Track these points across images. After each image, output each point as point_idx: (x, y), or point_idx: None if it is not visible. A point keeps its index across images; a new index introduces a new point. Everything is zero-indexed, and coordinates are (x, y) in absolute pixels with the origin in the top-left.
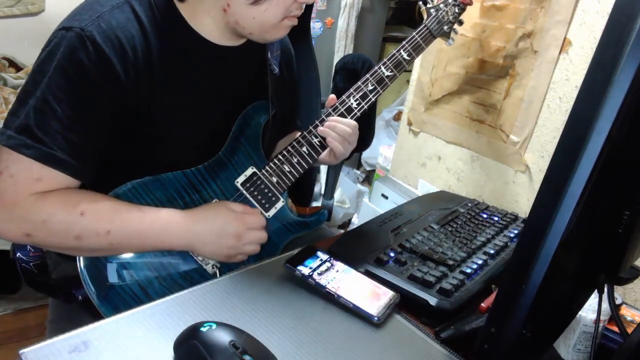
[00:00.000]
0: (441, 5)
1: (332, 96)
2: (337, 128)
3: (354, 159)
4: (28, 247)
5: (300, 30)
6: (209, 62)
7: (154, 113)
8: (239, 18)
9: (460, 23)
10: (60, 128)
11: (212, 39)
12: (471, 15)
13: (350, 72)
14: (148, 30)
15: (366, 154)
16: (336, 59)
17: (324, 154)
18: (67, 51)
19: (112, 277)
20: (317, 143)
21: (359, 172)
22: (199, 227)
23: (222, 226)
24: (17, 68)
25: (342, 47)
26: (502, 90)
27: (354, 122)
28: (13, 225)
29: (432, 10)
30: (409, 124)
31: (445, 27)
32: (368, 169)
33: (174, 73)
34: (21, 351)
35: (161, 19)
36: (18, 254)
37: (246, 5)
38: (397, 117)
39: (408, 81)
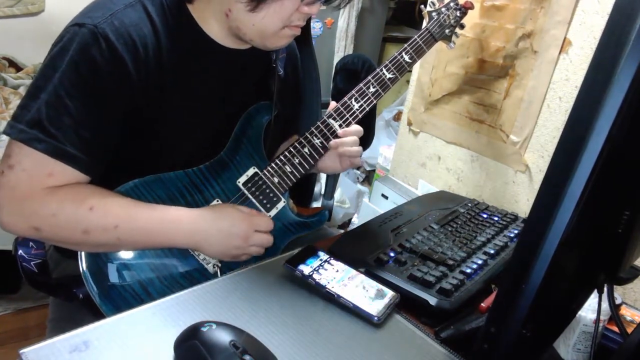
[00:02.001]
0: (442, 9)
1: (333, 102)
2: (345, 143)
3: None
4: (30, 244)
5: (301, 31)
6: (218, 65)
7: (163, 113)
8: (240, 24)
9: (462, 27)
10: (72, 123)
11: (221, 42)
12: (471, 15)
13: (350, 72)
14: (159, 30)
15: (366, 154)
16: (336, 59)
17: (330, 163)
18: (80, 47)
19: (113, 277)
20: (319, 144)
21: (359, 172)
22: (207, 226)
23: (230, 226)
24: (17, 68)
25: (342, 47)
26: (502, 90)
27: (358, 128)
28: (22, 219)
29: (433, 14)
30: (409, 124)
31: (447, 31)
32: (368, 169)
33: (184, 73)
34: (21, 351)
35: (172, 20)
36: (20, 251)
37: (245, 11)
38: (397, 117)
39: (408, 81)
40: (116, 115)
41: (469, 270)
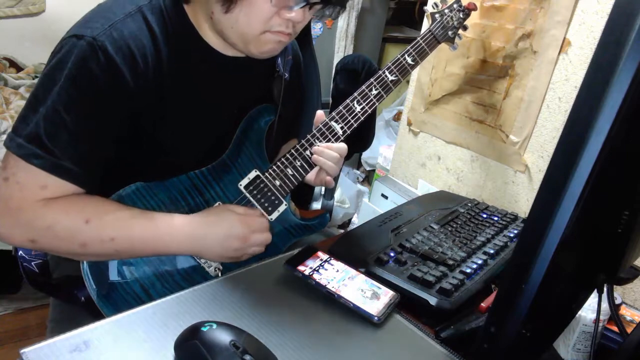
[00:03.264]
0: (446, 11)
1: (320, 112)
2: (325, 153)
3: (354, 159)
4: None
5: (301, 31)
6: (218, 73)
7: (163, 121)
8: (222, 26)
9: (465, 28)
10: (69, 138)
11: (219, 49)
12: (471, 15)
13: (350, 72)
14: (159, 40)
15: (366, 154)
16: (336, 60)
17: (312, 177)
18: (78, 60)
19: (113, 275)
20: None
21: (359, 172)
22: (204, 231)
23: (228, 229)
24: (18, 68)
25: (342, 48)
26: (501, 90)
27: (344, 146)
28: (18, 231)
29: (436, 16)
30: (409, 124)
31: (450, 33)
32: (368, 169)
33: (184, 83)
34: (22, 351)
35: (172, 29)
36: (20, 252)
37: (222, 13)
38: (397, 117)
39: (408, 81)
40: (114, 127)
41: (469, 270)
